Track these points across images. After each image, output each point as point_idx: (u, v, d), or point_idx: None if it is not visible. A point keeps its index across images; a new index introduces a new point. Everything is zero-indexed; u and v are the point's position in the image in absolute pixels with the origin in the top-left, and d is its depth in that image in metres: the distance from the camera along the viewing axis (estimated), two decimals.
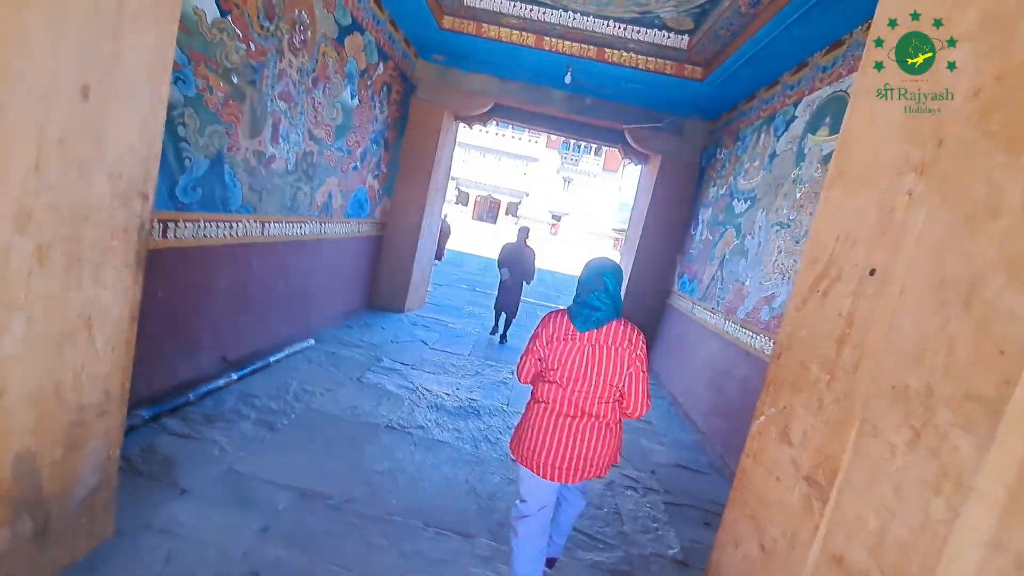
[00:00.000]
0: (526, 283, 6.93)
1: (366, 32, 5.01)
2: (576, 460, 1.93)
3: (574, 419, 1.95)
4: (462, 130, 8.04)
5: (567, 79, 6.00)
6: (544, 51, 5.58)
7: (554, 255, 25.03)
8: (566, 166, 39.61)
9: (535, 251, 6.91)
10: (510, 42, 5.56)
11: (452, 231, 13.06)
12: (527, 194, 37.77)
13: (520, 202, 38.17)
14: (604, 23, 5.16)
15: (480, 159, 37.20)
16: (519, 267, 6.67)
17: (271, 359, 4.15)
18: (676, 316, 6.39)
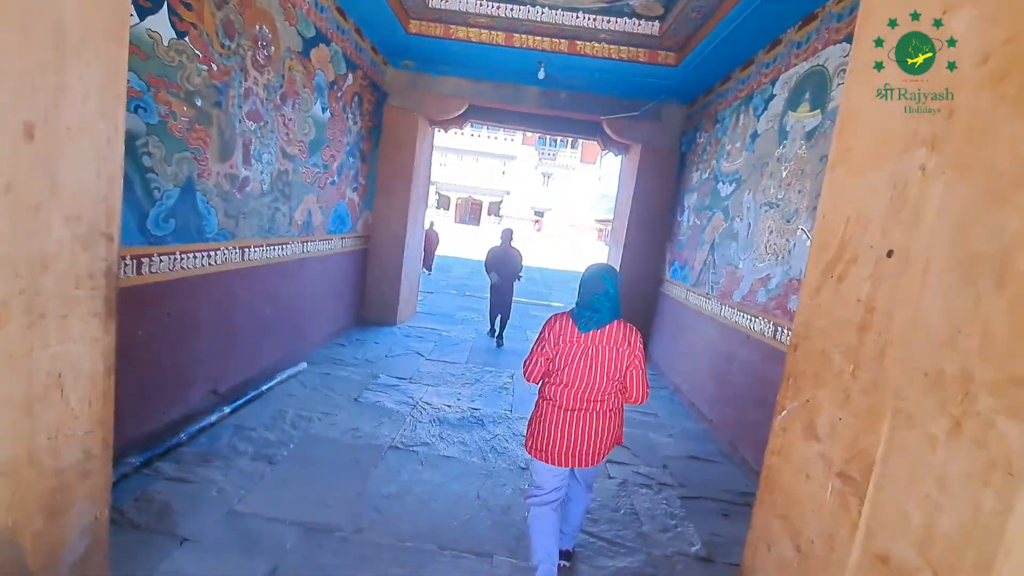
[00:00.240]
0: (515, 280, 7.04)
1: (332, 43, 4.88)
2: (585, 447, 2.14)
3: (580, 412, 2.14)
4: (438, 133, 7.93)
5: (541, 75, 5.91)
6: (515, 48, 5.49)
7: (539, 251, 24.99)
8: (544, 161, 39.57)
9: (520, 252, 7.04)
10: (480, 42, 5.47)
11: (440, 239, 12.81)
12: (508, 193, 37.68)
13: (501, 201, 38.06)
14: (574, 15, 5.08)
15: (458, 161, 37.01)
16: (507, 269, 6.81)
17: (264, 387, 4.02)
18: (670, 304, 6.35)
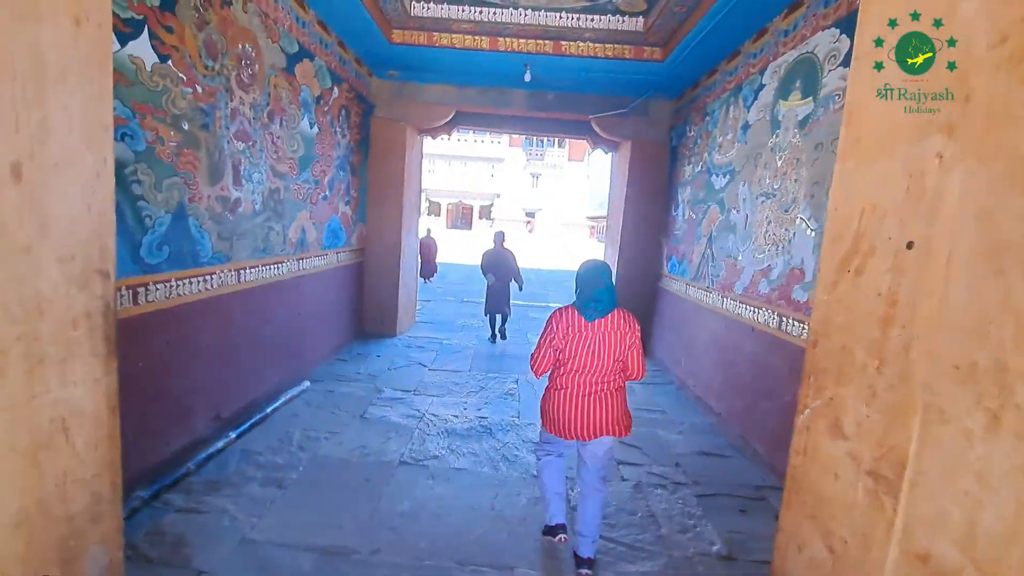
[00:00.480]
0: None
1: (316, 57, 4.83)
2: (594, 424, 2.37)
3: (588, 396, 2.37)
4: (425, 140, 7.88)
5: (527, 77, 5.89)
6: (500, 52, 5.46)
7: (533, 253, 24.96)
8: (532, 162, 39.59)
9: (514, 252, 7.32)
10: (464, 48, 5.44)
11: (438, 246, 12.71)
12: (498, 195, 37.65)
13: (492, 204, 38.03)
14: (557, 15, 5.06)
15: (446, 167, 36.98)
16: (502, 270, 7.11)
17: (268, 409, 3.96)
18: (670, 299, 6.33)
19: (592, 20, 5.11)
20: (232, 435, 3.45)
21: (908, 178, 1.27)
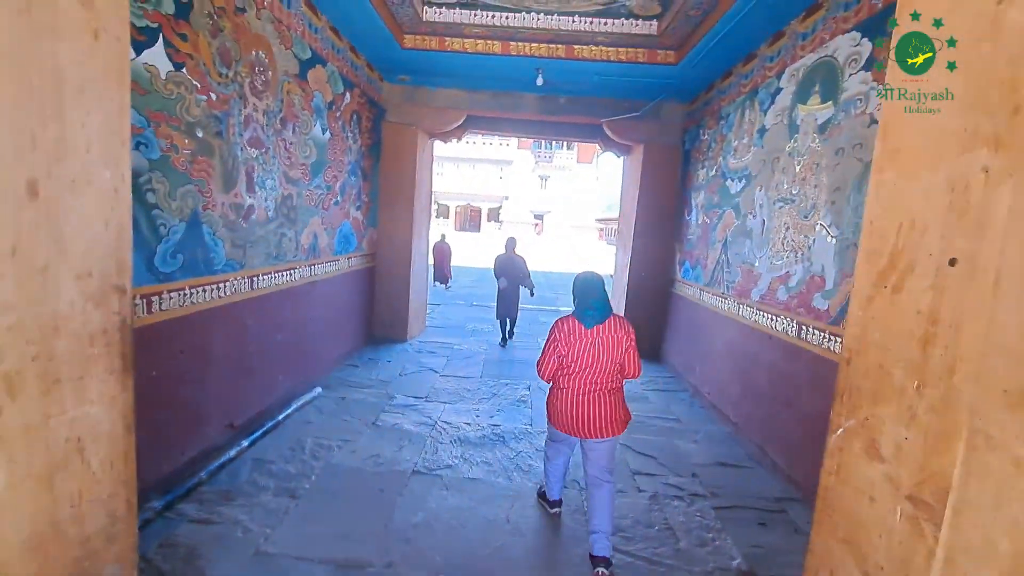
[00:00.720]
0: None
1: (328, 63, 4.83)
2: (596, 423, 2.59)
3: (589, 394, 2.60)
4: (435, 144, 7.87)
5: (539, 81, 5.86)
6: (512, 56, 5.43)
7: (541, 255, 24.91)
8: (541, 164, 39.54)
9: (524, 258, 7.55)
10: (476, 52, 5.42)
11: (452, 250, 12.67)
12: (506, 198, 37.65)
13: (500, 207, 38.04)
14: (570, 19, 5.03)
15: (455, 170, 37.04)
16: (513, 274, 7.37)
17: (280, 416, 3.95)
18: (684, 305, 6.26)
19: (605, 24, 5.07)
20: (244, 443, 3.44)
21: (951, 192, 1.22)
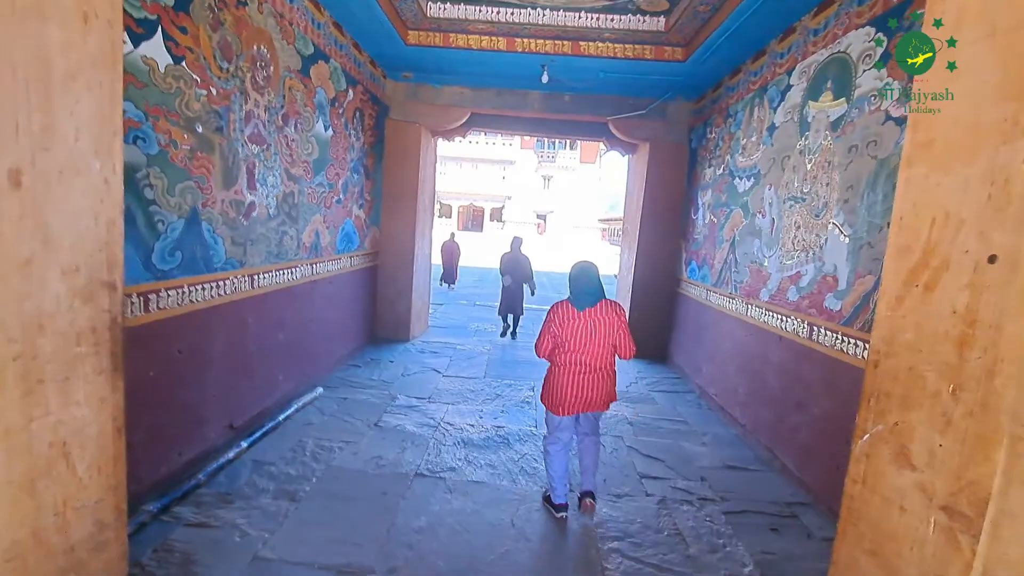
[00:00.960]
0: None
1: (331, 59, 4.77)
2: (587, 399, 2.85)
3: (583, 374, 2.83)
4: (438, 143, 7.81)
5: (544, 78, 5.78)
6: (517, 53, 5.36)
7: (544, 255, 24.83)
8: (544, 164, 39.45)
9: (529, 258, 7.79)
10: (480, 48, 5.35)
11: (460, 250, 12.55)
12: (509, 198, 37.57)
13: (503, 207, 37.96)
14: (576, 15, 4.95)
15: (457, 169, 36.98)
16: (518, 272, 7.61)
17: (280, 417, 3.89)
18: (691, 305, 6.17)
19: (612, 20, 4.99)
20: (244, 444, 3.37)
21: (990, 185, 1.14)
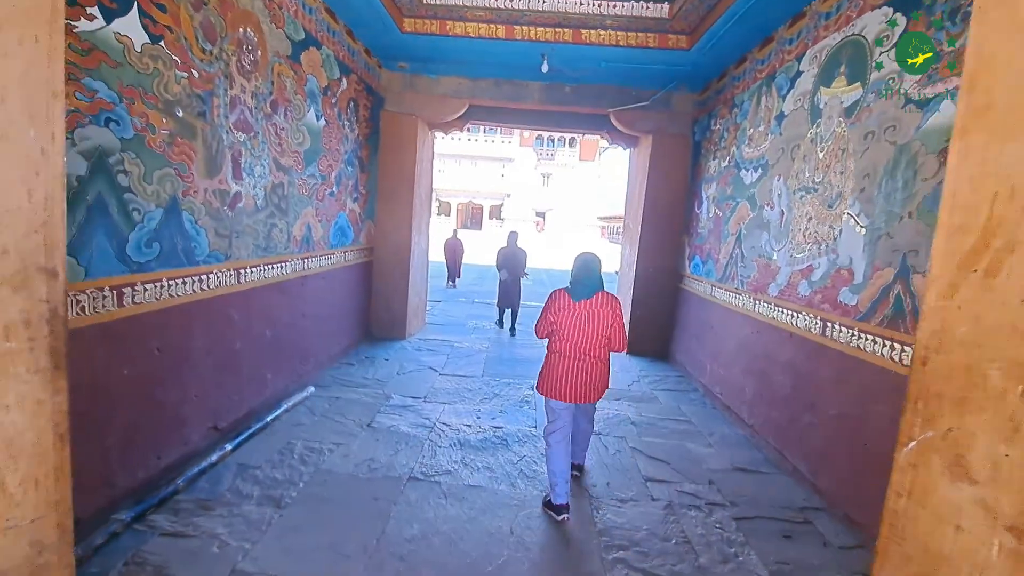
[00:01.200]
0: (522, 278, 7.96)
1: (323, 46, 4.59)
2: (583, 387, 2.92)
3: (579, 361, 2.91)
4: (436, 141, 7.64)
5: (544, 68, 5.61)
6: (516, 41, 5.20)
7: (543, 253, 24.64)
8: (543, 162, 39.27)
9: (526, 251, 7.92)
10: (478, 36, 5.17)
11: (464, 247, 12.38)
12: (508, 195, 37.38)
13: (502, 204, 37.77)
14: (577, 2, 4.78)
15: (456, 167, 36.78)
16: (515, 267, 7.70)
17: (268, 418, 3.72)
18: (694, 301, 6.01)
19: (614, 6, 4.82)
20: (228, 447, 3.20)
21: None
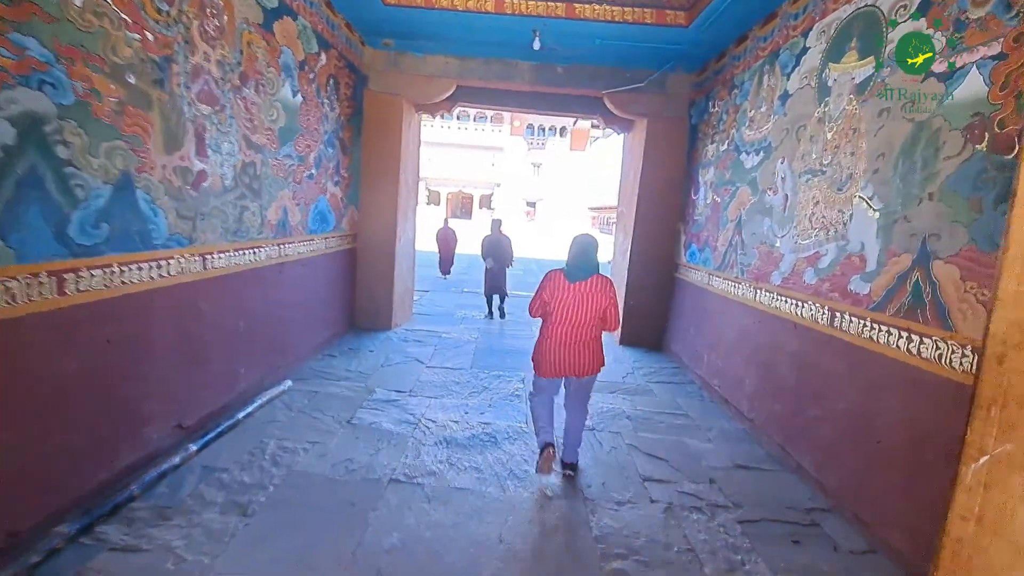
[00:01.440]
0: (507, 267, 7.99)
1: (299, 16, 4.27)
2: (575, 365, 3.03)
3: (571, 341, 3.01)
4: (423, 127, 7.34)
5: (535, 45, 5.33)
6: (506, 15, 4.91)
7: (534, 242, 24.39)
8: (533, 151, 38.86)
9: (510, 238, 7.98)
10: (466, 10, 4.87)
11: (457, 236, 12.05)
12: (498, 185, 36.98)
13: (492, 194, 37.38)
14: None
15: (446, 156, 36.22)
16: (500, 254, 7.77)
17: (240, 415, 3.46)
18: (691, 291, 5.81)
19: None
20: (193, 448, 2.95)
21: None
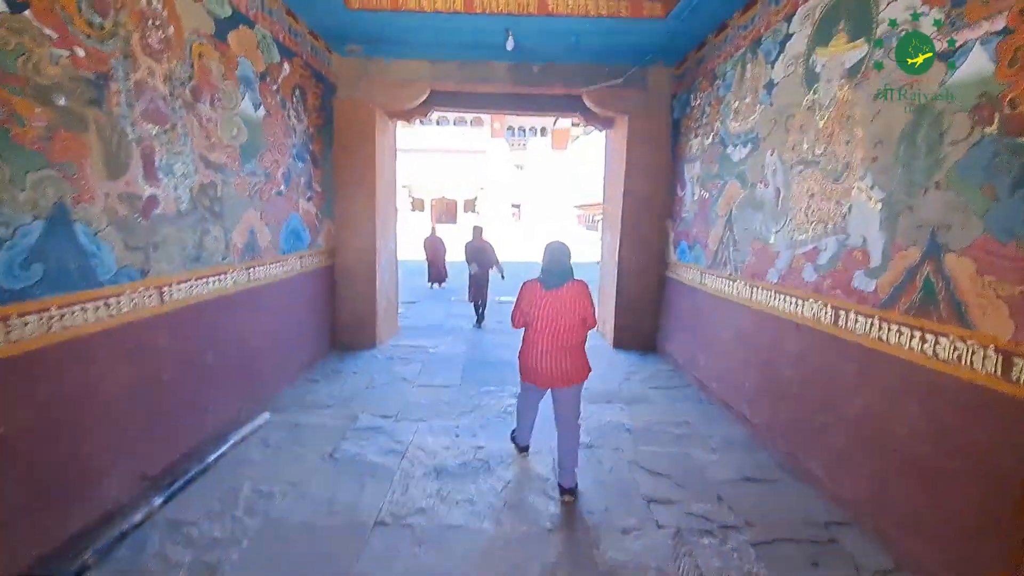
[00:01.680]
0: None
1: (256, 25, 4.02)
2: (558, 373, 2.97)
3: (554, 348, 2.97)
4: (402, 133, 7.11)
5: (509, 45, 5.12)
6: (477, 15, 4.68)
7: (520, 244, 24.14)
8: (515, 153, 38.68)
9: (492, 244, 8.08)
10: (434, 11, 4.65)
11: (445, 245, 11.76)
12: (482, 188, 36.74)
13: (476, 198, 37.13)
14: None
15: (428, 162, 35.90)
16: (482, 259, 7.85)
17: (210, 458, 3.20)
18: (682, 290, 5.64)
19: None
20: (157, 501, 2.69)
21: None
